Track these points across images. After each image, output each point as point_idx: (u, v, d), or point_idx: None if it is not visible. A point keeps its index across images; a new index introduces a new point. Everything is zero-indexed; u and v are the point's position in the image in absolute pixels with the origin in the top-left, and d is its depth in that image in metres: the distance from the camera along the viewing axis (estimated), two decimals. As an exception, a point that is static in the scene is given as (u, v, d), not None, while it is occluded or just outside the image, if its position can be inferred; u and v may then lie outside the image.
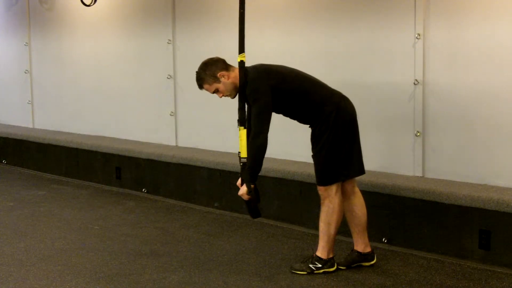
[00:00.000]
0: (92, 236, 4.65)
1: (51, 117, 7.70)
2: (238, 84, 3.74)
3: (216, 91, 3.81)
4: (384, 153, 4.73)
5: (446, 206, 4.06)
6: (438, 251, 4.12)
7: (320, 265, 3.79)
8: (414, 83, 4.48)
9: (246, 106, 3.78)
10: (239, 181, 3.77)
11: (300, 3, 5.17)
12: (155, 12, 6.29)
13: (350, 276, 3.76)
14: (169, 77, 6.16)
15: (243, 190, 3.68)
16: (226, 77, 3.76)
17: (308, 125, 3.84)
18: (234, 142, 4.76)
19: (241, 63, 3.75)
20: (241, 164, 3.68)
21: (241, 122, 3.68)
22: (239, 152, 3.71)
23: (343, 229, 4.41)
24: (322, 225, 3.79)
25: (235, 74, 3.76)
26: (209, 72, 3.77)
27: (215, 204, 5.43)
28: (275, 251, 4.25)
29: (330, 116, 3.68)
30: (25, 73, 7.93)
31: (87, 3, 6.79)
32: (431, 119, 4.45)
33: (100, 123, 7.03)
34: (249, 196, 3.68)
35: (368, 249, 3.90)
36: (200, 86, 3.84)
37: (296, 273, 3.80)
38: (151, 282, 3.70)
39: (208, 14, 5.84)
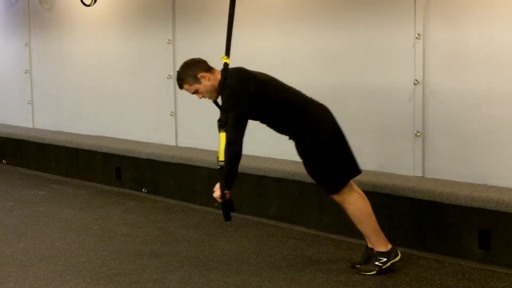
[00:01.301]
0: (92, 236, 4.65)
1: (51, 117, 7.70)
2: (218, 87, 3.74)
3: (196, 91, 3.81)
4: (384, 153, 4.73)
5: (446, 206, 4.06)
6: (438, 251, 4.12)
7: (385, 259, 3.75)
8: (414, 83, 4.48)
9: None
10: (217, 185, 3.73)
11: (300, 3, 5.17)
12: (155, 12, 6.29)
13: (350, 276, 3.76)
14: (169, 77, 6.16)
15: (217, 193, 3.68)
16: (207, 78, 3.75)
17: (287, 136, 3.84)
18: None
19: (225, 65, 3.74)
20: (219, 167, 3.68)
21: (223, 125, 3.67)
22: (218, 157, 3.71)
23: (343, 229, 4.42)
24: (360, 226, 3.79)
25: (216, 76, 3.76)
26: (190, 72, 3.76)
27: (215, 204, 5.40)
28: (275, 251, 4.25)
29: (310, 126, 3.70)
30: (25, 73, 7.93)
31: (87, 3, 6.80)
32: (431, 119, 4.45)
33: (100, 123, 7.04)
34: (221, 200, 3.68)
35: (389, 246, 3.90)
36: (180, 86, 3.84)
37: (367, 274, 3.75)
38: (151, 282, 3.70)
39: (208, 14, 5.84)
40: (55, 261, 4.10)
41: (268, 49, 5.38)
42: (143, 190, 6.06)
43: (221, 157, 3.66)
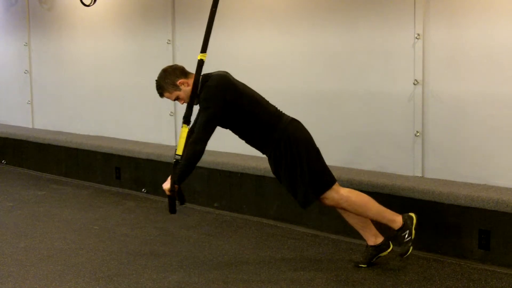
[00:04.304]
0: (92, 236, 4.65)
1: (51, 117, 7.69)
2: (193, 85, 3.75)
3: (177, 98, 3.85)
4: (383, 153, 4.73)
5: (446, 206, 4.06)
6: (438, 251, 4.12)
7: (407, 231, 3.75)
8: (414, 83, 4.48)
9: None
10: (169, 179, 3.77)
11: (300, 3, 5.17)
12: (155, 12, 6.29)
13: (350, 276, 3.76)
14: (169, 77, 6.16)
15: (167, 185, 3.72)
16: (186, 84, 3.79)
17: (259, 151, 3.87)
18: (234, 142, 4.76)
19: (200, 62, 3.76)
20: (174, 160, 3.70)
21: (186, 120, 3.70)
22: (177, 155, 3.72)
23: (343, 229, 4.42)
24: (366, 215, 3.80)
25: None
26: (168, 81, 3.80)
27: (215, 204, 5.43)
28: (275, 251, 4.25)
29: (279, 142, 3.71)
30: (25, 73, 7.93)
31: (87, 3, 6.79)
32: (431, 119, 4.45)
33: (100, 123, 7.03)
34: (170, 193, 3.73)
35: (380, 239, 3.90)
36: (161, 95, 3.88)
37: (408, 254, 3.74)
38: (151, 282, 3.70)
39: (207, 14, 5.82)
40: (55, 261, 4.10)
41: (267, 49, 5.37)
42: (143, 190, 6.06)
43: (179, 151, 3.68)
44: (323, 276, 3.76)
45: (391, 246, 3.91)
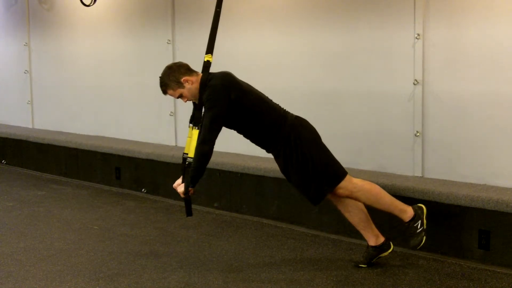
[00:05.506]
0: (92, 236, 4.65)
1: (51, 117, 7.70)
2: (199, 86, 3.75)
3: (180, 96, 3.83)
4: (383, 153, 4.73)
5: (446, 206, 4.06)
6: (438, 251, 4.12)
7: (419, 221, 3.77)
8: (414, 83, 4.48)
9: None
10: (179, 180, 3.78)
11: (299, 3, 5.17)
12: (155, 12, 6.29)
13: (349, 276, 3.76)
14: (168, 77, 6.15)
15: (181, 189, 3.73)
16: (190, 82, 3.78)
17: (265, 150, 3.87)
18: (234, 142, 4.77)
19: (207, 63, 3.76)
20: (187, 163, 3.71)
21: (196, 122, 3.71)
22: (185, 153, 3.73)
23: (343, 229, 4.42)
24: (379, 206, 3.80)
25: (198, 79, 3.78)
26: (172, 78, 3.79)
27: (215, 204, 5.43)
28: (275, 251, 4.25)
29: (288, 139, 3.71)
30: (25, 73, 7.93)
31: (87, 3, 6.80)
32: (431, 119, 4.45)
33: (100, 123, 7.04)
34: (184, 196, 3.74)
35: (381, 239, 3.90)
36: (164, 92, 3.87)
37: (422, 244, 3.76)
38: (151, 282, 3.70)
39: (208, 14, 5.82)
40: (55, 261, 4.10)
41: (267, 49, 5.37)
42: (143, 190, 6.06)
43: (191, 153, 3.69)
44: (323, 276, 3.76)
45: (392, 247, 3.92)
